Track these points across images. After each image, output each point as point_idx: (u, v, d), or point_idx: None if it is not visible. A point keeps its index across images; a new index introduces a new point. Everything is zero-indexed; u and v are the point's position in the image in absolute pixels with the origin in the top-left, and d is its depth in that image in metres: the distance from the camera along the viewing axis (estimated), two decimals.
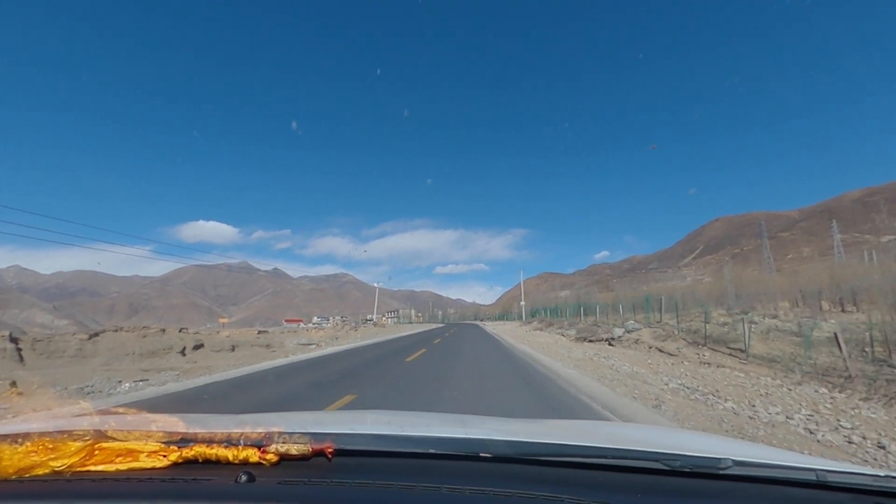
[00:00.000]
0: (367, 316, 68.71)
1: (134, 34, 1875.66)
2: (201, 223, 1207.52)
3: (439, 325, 65.50)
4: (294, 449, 1.01)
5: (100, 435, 1.05)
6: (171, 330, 17.21)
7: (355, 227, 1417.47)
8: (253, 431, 1.08)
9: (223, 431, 1.09)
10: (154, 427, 1.12)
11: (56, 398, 6.06)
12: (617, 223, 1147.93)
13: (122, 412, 1.41)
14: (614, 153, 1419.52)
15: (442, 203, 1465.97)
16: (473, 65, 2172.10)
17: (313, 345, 19.55)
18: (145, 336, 14.98)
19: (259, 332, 22.85)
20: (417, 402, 5.64)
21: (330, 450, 1.02)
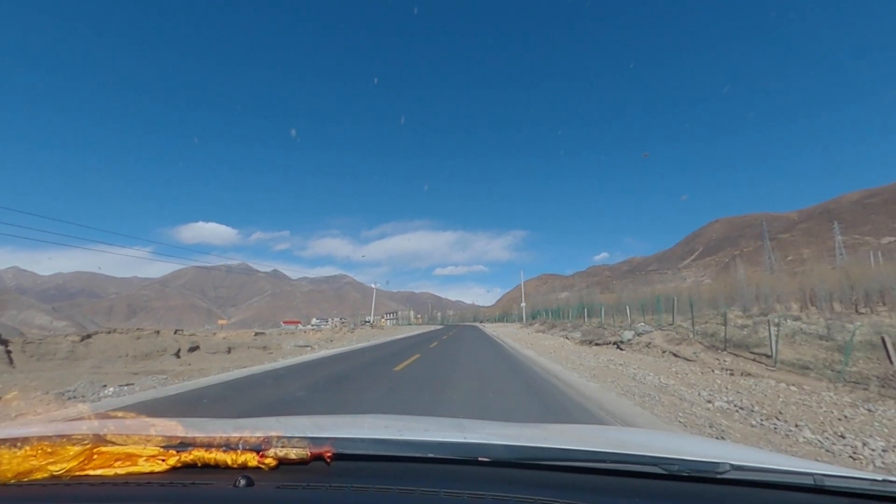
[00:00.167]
0: (367, 318, 68.27)
1: (135, 36, 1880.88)
2: (200, 224, 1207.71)
3: (438, 327, 64.90)
4: (293, 453, 1.01)
5: (99, 439, 1.05)
6: (166, 331, 16.93)
7: (354, 229, 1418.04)
8: (252, 436, 1.08)
9: (222, 436, 1.09)
10: (153, 431, 1.12)
11: (31, 404, 5.78)
12: (616, 225, 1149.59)
13: (122, 416, 1.38)
14: (614, 154, 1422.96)
15: (441, 204, 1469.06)
16: (473, 66, 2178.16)
17: (308, 347, 19.33)
18: (139, 338, 14.70)
19: (256, 334, 22.61)
20: None
21: (329, 454, 1.02)
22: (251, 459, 1.00)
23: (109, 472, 1.00)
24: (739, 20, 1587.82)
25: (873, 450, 3.90)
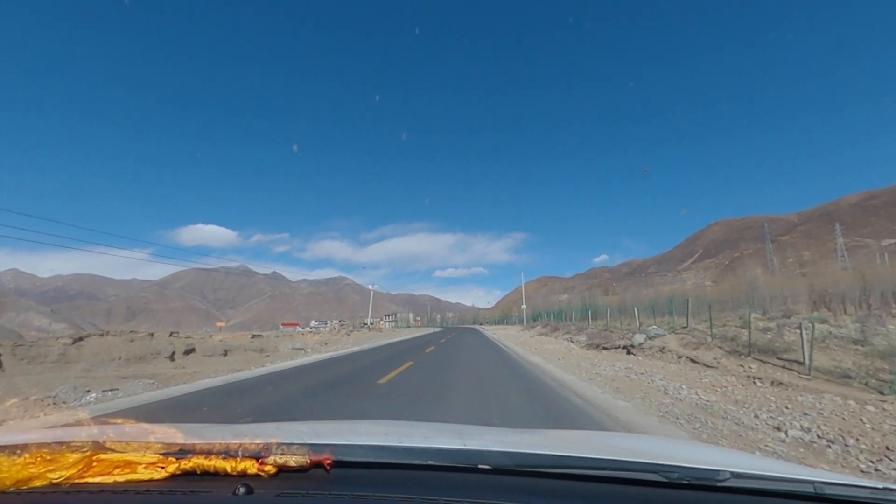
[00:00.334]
0: (366, 320, 68.03)
1: (136, 38, 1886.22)
2: (200, 226, 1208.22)
3: (437, 330, 63.83)
4: (292, 461, 1.00)
5: (98, 446, 1.04)
6: (161, 334, 16.68)
7: (354, 231, 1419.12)
8: (251, 443, 1.07)
9: (221, 443, 1.08)
10: (152, 438, 1.11)
11: (5, 410, 5.48)
12: (615, 227, 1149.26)
13: (121, 423, 1.36)
14: (613, 156, 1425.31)
15: (441, 206, 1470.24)
16: (473, 69, 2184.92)
17: (302, 350, 19.09)
18: (133, 340, 14.44)
19: (253, 336, 22.35)
20: None
21: (328, 461, 1.01)
22: (251, 467, 1.00)
23: (109, 480, 1.00)
24: (739, 23, 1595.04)
25: None
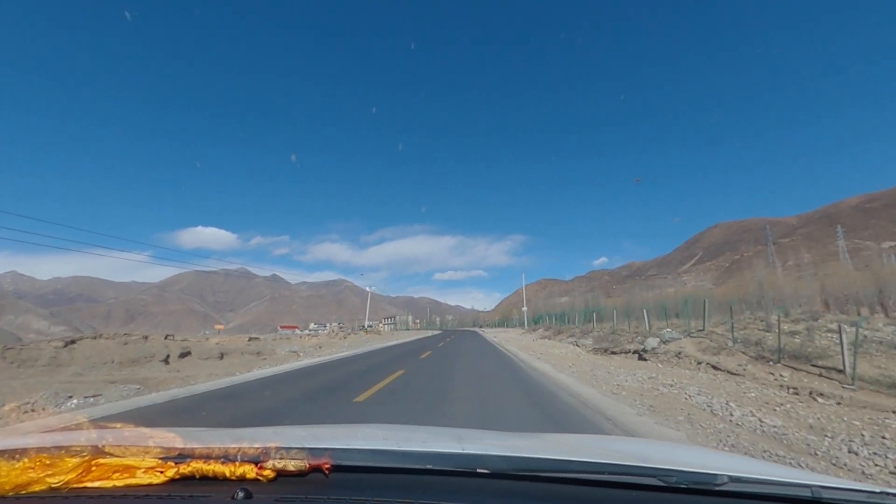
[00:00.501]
0: (366, 323, 67.74)
1: (136, 40, 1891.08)
2: (200, 229, 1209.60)
3: (436, 332, 62.75)
4: (291, 465, 0.99)
5: (97, 451, 1.04)
6: (156, 337, 16.42)
7: (354, 233, 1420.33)
8: (250, 447, 1.06)
9: (220, 447, 1.08)
10: (151, 443, 1.10)
11: None
12: (615, 229, 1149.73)
13: (120, 427, 1.32)
14: (613, 159, 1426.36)
15: (440, 209, 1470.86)
16: (473, 73, 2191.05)
17: (297, 353, 18.84)
18: (126, 343, 14.18)
19: (250, 339, 22.10)
20: None
21: (327, 466, 1.01)
22: (249, 471, 0.99)
23: (108, 485, 0.99)
24: (740, 26, 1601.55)
25: None
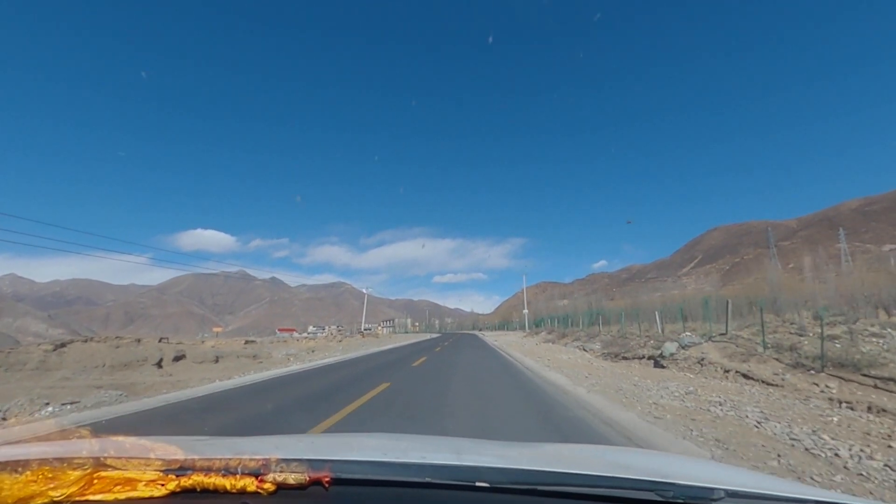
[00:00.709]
0: (363, 326, 67.46)
1: (136, 42, 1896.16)
2: (199, 231, 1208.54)
3: (434, 336, 61.90)
4: (291, 478, 0.99)
5: (99, 464, 1.04)
6: (150, 340, 16.13)
7: (353, 236, 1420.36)
8: (251, 459, 1.06)
9: (221, 459, 1.07)
10: (153, 455, 1.10)
11: None
12: (615, 232, 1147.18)
13: (122, 439, 1.28)
14: (613, 161, 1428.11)
15: (440, 212, 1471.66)
16: (472, 75, 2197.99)
17: (291, 357, 18.56)
18: (118, 346, 13.89)
19: (246, 342, 21.85)
20: None
21: (327, 479, 1.01)
22: (250, 484, 0.98)
23: (109, 498, 0.98)
24: (740, 28, 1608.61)
25: None
